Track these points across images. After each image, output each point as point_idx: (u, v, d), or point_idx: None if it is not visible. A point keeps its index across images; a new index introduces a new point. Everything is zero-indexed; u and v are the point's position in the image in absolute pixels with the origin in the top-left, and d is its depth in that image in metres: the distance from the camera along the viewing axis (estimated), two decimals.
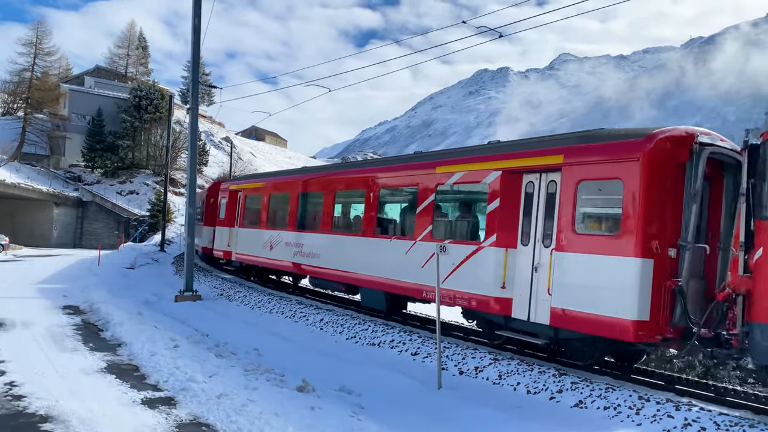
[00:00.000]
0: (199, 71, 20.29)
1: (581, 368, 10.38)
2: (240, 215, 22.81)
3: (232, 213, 23.44)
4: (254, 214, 21.88)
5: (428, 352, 11.44)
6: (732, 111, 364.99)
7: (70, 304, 16.61)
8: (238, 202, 23.06)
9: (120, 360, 9.87)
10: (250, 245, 21.29)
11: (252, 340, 13.18)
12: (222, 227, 24.42)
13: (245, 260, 22.01)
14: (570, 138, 10.51)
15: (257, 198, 21.69)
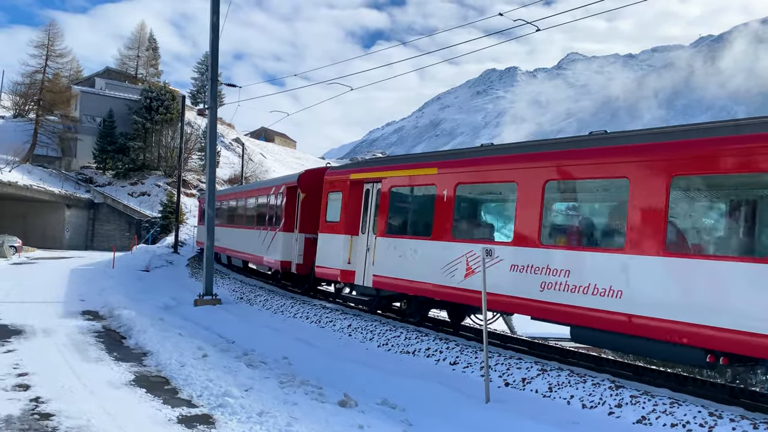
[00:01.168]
0: (218, 70, 19.80)
1: (640, 380, 9.79)
2: (379, 217, 14.82)
3: (355, 214, 15.70)
4: (419, 215, 14.51)
5: (468, 362, 10.87)
6: (742, 110, 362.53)
7: (88, 309, 16.14)
8: (371, 198, 15.33)
9: (148, 371, 9.34)
10: (411, 264, 13.44)
11: (279, 347, 12.68)
12: (333, 235, 16.30)
13: (393, 287, 14.14)
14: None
15: (425, 192, 13.98)
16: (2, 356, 9.77)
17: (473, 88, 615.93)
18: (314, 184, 18.22)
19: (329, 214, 16.64)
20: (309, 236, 18.39)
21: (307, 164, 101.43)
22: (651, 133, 9.59)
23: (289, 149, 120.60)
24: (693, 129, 8.99)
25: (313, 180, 18.54)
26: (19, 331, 12.17)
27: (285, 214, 19.51)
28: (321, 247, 16.85)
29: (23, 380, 8.33)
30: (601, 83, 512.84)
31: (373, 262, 14.65)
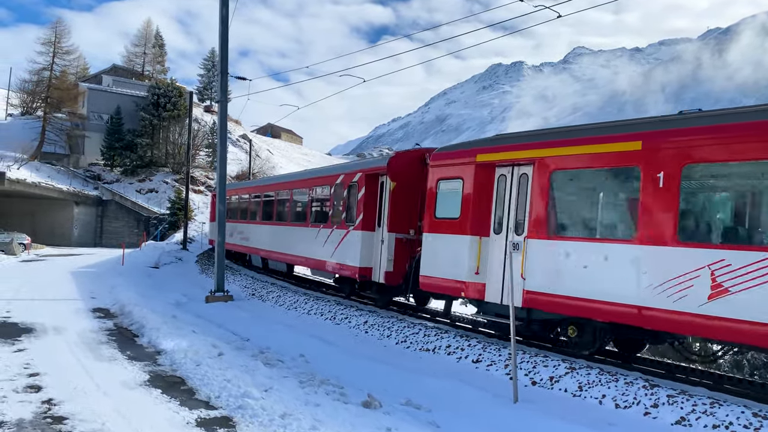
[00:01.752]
0: (228, 62, 19.46)
1: (673, 379, 9.39)
2: (533, 212, 10.82)
3: (484, 207, 11.76)
4: (609, 210, 10.55)
5: (491, 360, 10.51)
6: (751, 102, 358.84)
7: (99, 306, 15.87)
8: (512, 186, 11.42)
9: (163, 371, 9.03)
10: (594, 278, 9.65)
11: (295, 344, 12.36)
12: (450, 236, 12.30)
13: (561, 308, 10.28)
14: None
15: (619, 176, 10.07)
16: (13, 356, 9.48)
17: (479, 83, 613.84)
18: (408, 171, 14.80)
19: (441, 208, 12.65)
20: (401, 236, 14.77)
21: (314, 160, 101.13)
22: None
23: (295, 145, 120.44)
24: None
25: (407, 165, 14.92)
26: (29, 330, 11.90)
27: (363, 208, 15.56)
28: (429, 252, 12.85)
29: (35, 381, 8.03)
30: (608, 77, 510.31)
31: (524, 273, 10.59)
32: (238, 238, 26.96)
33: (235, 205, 28.60)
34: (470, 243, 11.76)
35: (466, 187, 12.02)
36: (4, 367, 8.63)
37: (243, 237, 26.52)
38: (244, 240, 26.29)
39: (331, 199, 17.75)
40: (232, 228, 26.92)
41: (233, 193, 28.85)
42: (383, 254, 14.17)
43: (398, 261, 14.68)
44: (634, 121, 10.16)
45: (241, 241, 26.68)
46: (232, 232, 26.80)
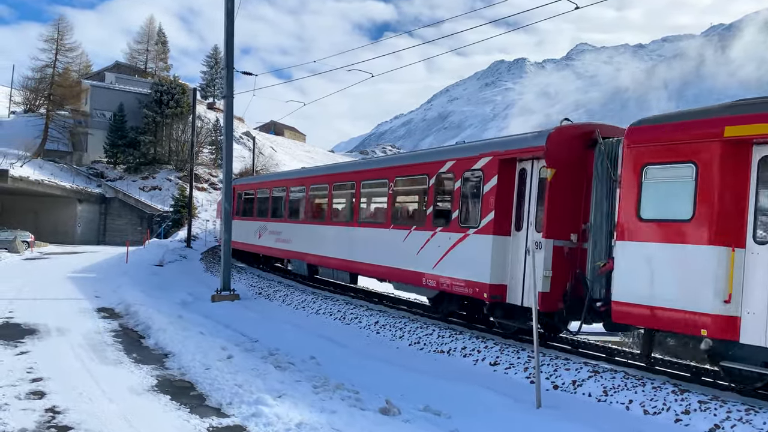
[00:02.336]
0: (233, 57, 19.09)
1: (701, 383, 9.02)
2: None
3: (737, 204, 8.18)
4: None
5: (510, 362, 10.16)
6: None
7: (104, 306, 15.54)
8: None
9: (171, 375, 8.69)
10: None
11: (305, 345, 12.03)
12: (675, 246, 8.59)
13: None
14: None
15: None
16: (15, 359, 9.16)
17: (482, 79, 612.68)
18: (569, 154, 10.92)
19: (652, 205, 8.87)
20: (560, 244, 10.84)
21: (317, 157, 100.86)
22: None
23: (299, 143, 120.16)
24: None
25: (567, 146, 10.97)
26: (32, 331, 11.57)
27: (495, 204, 11.60)
28: (631, 268, 8.97)
29: (38, 386, 7.69)
30: (611, 74, 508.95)
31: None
32: (271, 240, 22.73)
33: (264, 199, 24.53)
34: (715, 256, 8.01)
35: (703, 174, 8.30)
36: (7, 371, 8.29)
37: (280, 239, 21.91)
38: (282, 242, 21.64)
39: (431, 192, 13.57)
40: (260, 227, 24.06)
41: (260, 186, 25.49)
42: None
43: (557, 278, 10.74)
44: None
45: (276, 244, 22.21)
46: (260, 232, 23.96)
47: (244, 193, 27.47)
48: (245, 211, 26.94)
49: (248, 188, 27.42)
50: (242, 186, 28.26)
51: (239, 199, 27.13)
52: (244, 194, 27.48)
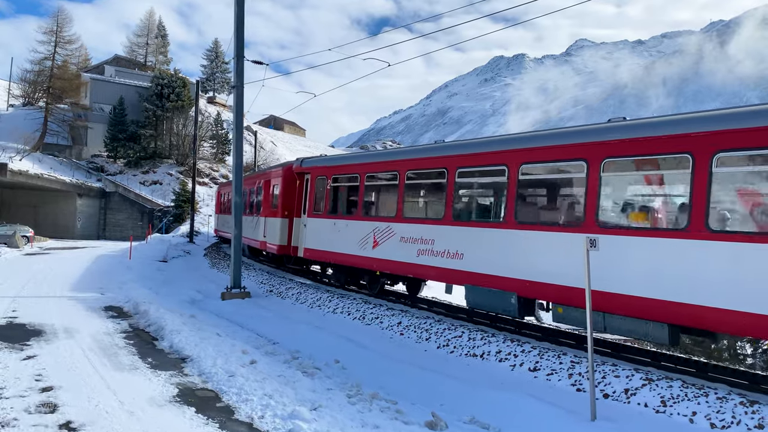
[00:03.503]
0: (244, 46, 18.34)
1: (761, 390, 8.23)
2: None
3: None
4: None
5: (551, 368, 9.48)
6: (754, 95, 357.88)
7: (111, 304, 14.85)
8: None
9: (192, 383, 8.00)
10: None
11: (326, 347, 11.37)
12: None
13: None
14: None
15: None
16: (22, 364, 8.46)
17: (481, 75, 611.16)
18: None
19: None
20: None
21: (317, 152, 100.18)
22: None
23: (299, 137, 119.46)
24: None
25: None
26: (38, 332, 10.88)
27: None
28: None
29: (49, 397, 7.00)
30: (610, 70, 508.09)
31: None
32: (405, 251, 14.12)
33: (390, 188, 15.45)
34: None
35: None
36: (14, 379, 7.61)
37: (433, 250, 13.31)
38: (440, 256, 13.04)
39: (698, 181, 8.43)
40: (376, 230, 15.30)
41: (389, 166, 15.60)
42: None
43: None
44: None
45: (425, 259, 13.46)
46: (375, 237, 15.35)
47: (332, 180, 17.83)
48: (334, 206, 17.69)
49: (350, 170, 17.34)
50: (333, 169, 18.04)
51: (320, 188, 18.31)
52: (330, 182, 17.82)
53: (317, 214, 18.30)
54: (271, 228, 21.43)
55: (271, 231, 21.50)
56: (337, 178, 17.75)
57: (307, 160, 20.01)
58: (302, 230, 19.26)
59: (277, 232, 20.59)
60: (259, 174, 26.68)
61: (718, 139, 8.33)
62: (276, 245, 20.62)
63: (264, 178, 24.07)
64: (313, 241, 18.45)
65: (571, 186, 11.09)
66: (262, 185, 23.71)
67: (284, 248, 20.42)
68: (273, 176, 22.47)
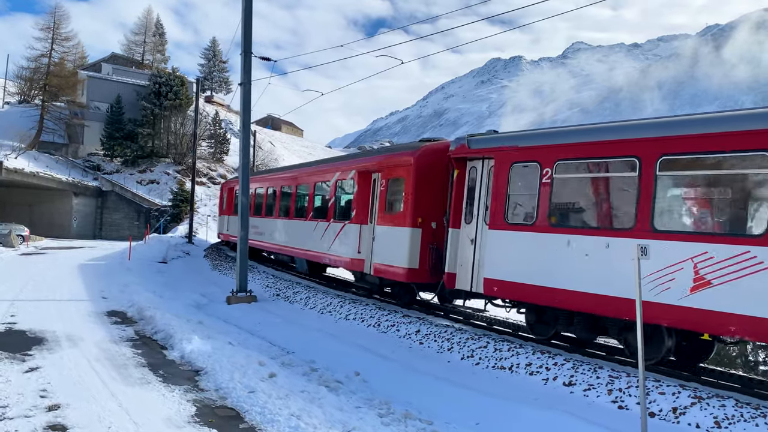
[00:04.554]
0: (251, 41, 17.75)
1: None
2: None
3: None
4: None
5: (588, 383, 8.92)
6: (749, 99, 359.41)
7: (114, 308, 14.23)
8: None
9: (210, 399, 7.41)
10: None
11: (343, 357, 10.81)
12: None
13: None
14: None
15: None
16: (25, 378, 7.85)
17: (477, 77, 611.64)
18: None
19: None
20: None
21: (315, 152, 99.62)
22: None
23: (296, 137, 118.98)
24: None
25: None
26: (40, 340, 10.27)
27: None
28: None
29: (56, 418, 6.39)
30: (606, 73, 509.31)
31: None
32: (653, 290, 8.88)
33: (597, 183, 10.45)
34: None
35: None
36: (17, 395, 6.99)
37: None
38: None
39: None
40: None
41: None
42: None
43: None
44: None
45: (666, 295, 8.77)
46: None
47: (557, 167, 10.76)
48: (564, 214, 10.78)
49: (616, 149, 10.30)
50: (560, 150, 11.02)
51: (522, 182, 11.58)
52: (554, 171, 10.73)
53: (516, 225, 11.22)
54: (386, 241, 14.56)
55: (385, 246, 14.61)
56: (572, 165, 10.60)
57: (481, 138, 12.71)
58: (469, 248, 12.39)
59: (401, 249, 13.66)
60: (339, 163, 18.86)
61: None
62: (402, 268, 13.62)
63: (356, 167, 16.62)
64: (508, 267, 11.25)
65: None
66: (355, 178, 16.34)
67: (418, 273, 13.54)
68: (384, 165, 15.20)
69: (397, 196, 14.47)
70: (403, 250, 13.66)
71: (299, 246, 19.78)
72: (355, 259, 15.91)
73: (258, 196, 25.23)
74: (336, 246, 17.09)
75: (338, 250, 16.93)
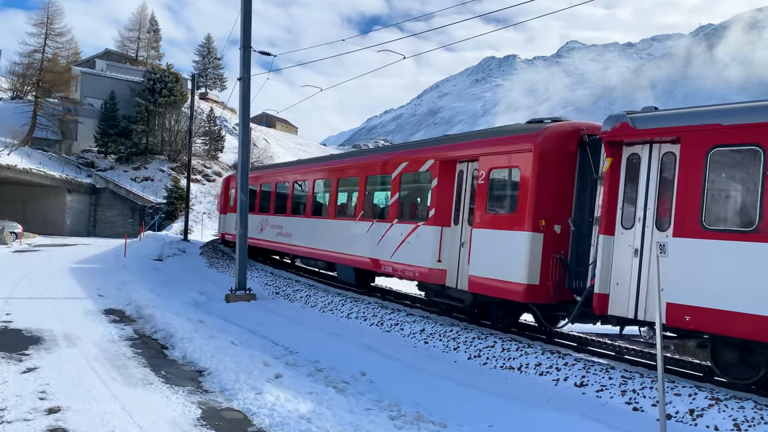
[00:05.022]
0: (251, 36, 17.48)
1: None
2: None
3: None
4: None
5: (600, 383, 8.73)
6: (743, 99, 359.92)
7: (111, 307, 13.94)
8: None
9: (215, 401, 7.17)
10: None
11: (347, 357, 10.59)
12: None
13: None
14: None
15: None
16: (22, 378, 7.59)
17: (472, 76, 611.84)
18: None
19: None
20: None
21: (309, 150, 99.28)
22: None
23: (291, 135, 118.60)
24: None
25: None
26: (36, 339, 9.99)
27: None
28: None
29: (57, 420, 6.13)
30: (599, 72, 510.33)
31: None
32: None
33: None
34: None
35: None
36: (14, 398, 6.73)
37: None
38: None
39: None
40: None
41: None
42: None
43: None
44: None
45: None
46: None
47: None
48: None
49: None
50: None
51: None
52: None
53: (724, 232, 8.27)
54: (488, 248, 11.40)
55: (486, 254, 11.43)
56: None
57: (654, 116, 9.56)
58: (631, 261, 9.35)
59: (515, 259, 10.72)
60: (404, 152, 15.13)
61: None
62: (516, 284, 10.61)
63: (436, 155, 13.35)
64: (713, 289, 8.23)
65: None
66: (434, 170, 13.19)
67: (538, 291, 10.54)
68: (485, 152, 11.98)
69: (507, 192, 11.42)
70: (518, 260, 10.61)
71: (343, 251, 16.47)
72: (435, 270, 12.74)
73: (281, 192, 21.90)
74: (403, 252, 13.78)
75: (406, 257, 13.62)
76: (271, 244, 21.73)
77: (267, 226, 22.08)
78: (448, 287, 12.65)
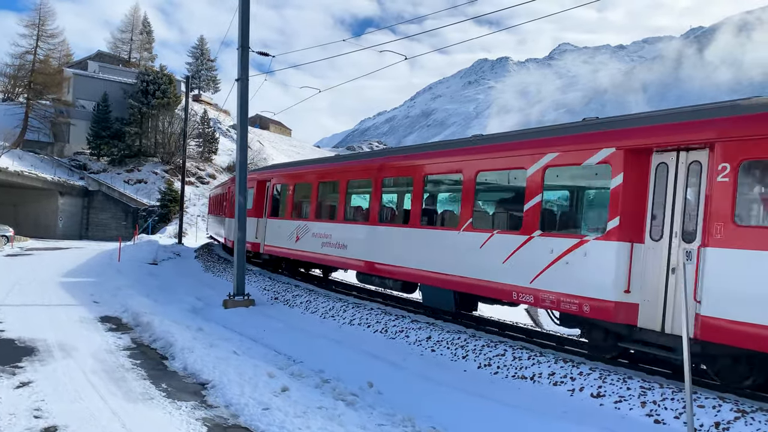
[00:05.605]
0: (249, 36, 17.12)
1: None
2: None
3: None
4: None
5: (619, 394, 8.42)
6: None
7: (107, 314, 13.54)
8: None
9: (221, 418, 6.81)
10: None
11: (352, 366, 10.24)
12: None
13: None
14: None
15: None
16: (16, 394, 7.20)
17: (465, 78, 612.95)
18: None
19: None
20: None
21: (303, 152, 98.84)
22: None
23: (284, 137, 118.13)
24: None
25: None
26: (30, 350, 9.60)
27: None
28: None
29: None
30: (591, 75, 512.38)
31: None
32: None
33: None
34: None
35: None
36: (8, 416, 6.35)
37: None
38: None
39: None
40: None
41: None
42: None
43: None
44: None
45: None
46: None
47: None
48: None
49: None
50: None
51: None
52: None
53: None
54: (750, 279, 7.57)
55: (745, 287, 7.59)
56: None
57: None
58: None
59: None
60: (545, 138, 10.75)
61: None
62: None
63: (617, 144, 9.19)
64: None
65: None
66: (614, 163, 9.20)
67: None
68: (728, 135, 7.87)
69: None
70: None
71: (435, 269, 12.72)
72: (622, 304, 8.99)
73: (328, 194, 18.25)
74: (554, 277, 9.91)
75: (562, 284, 9.77)
76: (312, 256, 17.85)
77: (306, 234, 18.24)
78: (642, 329, 8.96)
